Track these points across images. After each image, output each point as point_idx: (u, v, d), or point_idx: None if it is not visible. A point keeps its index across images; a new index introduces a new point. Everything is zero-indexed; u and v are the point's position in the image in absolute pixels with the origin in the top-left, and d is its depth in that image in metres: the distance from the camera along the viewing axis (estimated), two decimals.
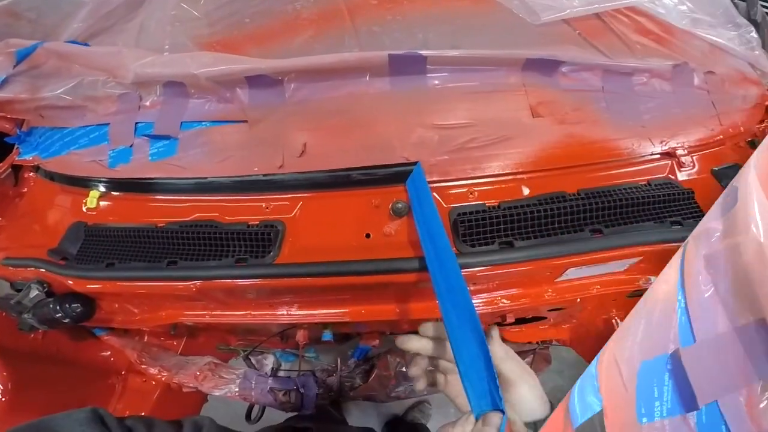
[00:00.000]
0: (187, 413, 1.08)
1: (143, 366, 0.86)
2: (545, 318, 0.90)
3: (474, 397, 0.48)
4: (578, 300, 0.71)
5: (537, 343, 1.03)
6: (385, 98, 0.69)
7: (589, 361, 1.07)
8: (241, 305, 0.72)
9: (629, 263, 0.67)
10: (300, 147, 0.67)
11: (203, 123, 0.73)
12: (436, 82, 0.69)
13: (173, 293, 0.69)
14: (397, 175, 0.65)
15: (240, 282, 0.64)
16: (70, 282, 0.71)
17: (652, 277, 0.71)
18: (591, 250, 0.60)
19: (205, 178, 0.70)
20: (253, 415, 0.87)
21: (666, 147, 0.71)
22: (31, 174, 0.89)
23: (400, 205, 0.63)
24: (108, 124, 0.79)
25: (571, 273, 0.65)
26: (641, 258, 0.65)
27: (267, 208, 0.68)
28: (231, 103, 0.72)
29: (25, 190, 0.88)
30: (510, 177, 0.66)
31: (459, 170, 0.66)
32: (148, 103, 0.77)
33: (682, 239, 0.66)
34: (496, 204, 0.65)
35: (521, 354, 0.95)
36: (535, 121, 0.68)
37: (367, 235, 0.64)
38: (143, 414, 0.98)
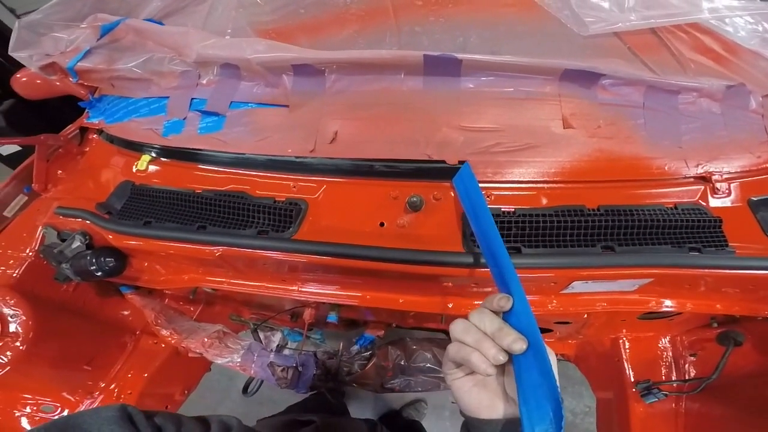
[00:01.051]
0: (188, 379, 1.11)
1: (157, 327, 0.91)
2: (551, 330, 0.87)
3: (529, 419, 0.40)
4: (585, 315, 0.67)
5: None
6: (417, 96, 0.69)
7: (592, 377, 1.00)
8: (257, 276, 0.75)
9: (640, 283, 0.64)
10: (331, 134, 0.69)
11: (250, 104, 0.77)
12: (470, 85, 0.69)
13: (198, 256, 0.73)
14: (418, 171, 0.66)
15: (259, 252, 0.67)
16: (110, 236, 0.77)
17: (668, 301, 0.67)
18: (598, 266, 0.58)
19: (243, 154, 0.73)
20: (250, 389, 0.89)
21: (701, 171, 0.65)
22: (95, 136, 0.97)
23: (415, 200, 0.63)
24: (167, 97, 0.84)
25: (577, 286, 0.63)
26: (652, 280, 0.61)
27: (294, 187, 0.71)
28: (276, 88, 0.75)
29: (87, 149, 0.96)
30: (530, 185, 0.65)
31: (480, 173, 0.64)
32: (204, 81, 0.83)
33: (699, 266, 0.61)
34: (511, 210, 0.63)
35: None
36: (565, 132, 0.65)
37: (382, 224, 0.65)
38: (146, 375, 0.99)
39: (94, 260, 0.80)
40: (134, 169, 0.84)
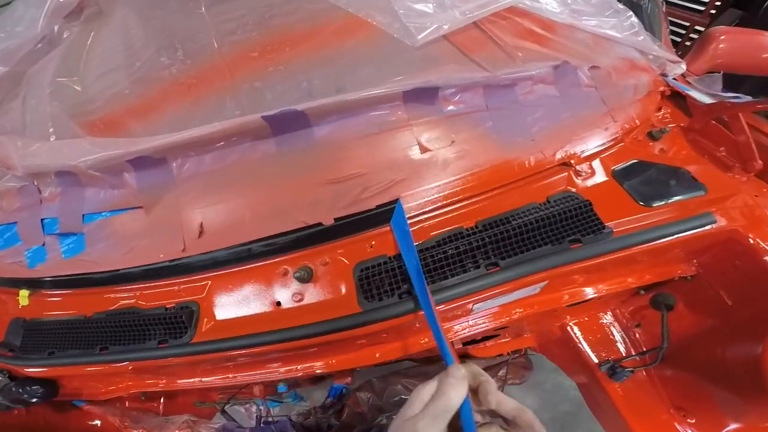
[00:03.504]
0: None
1: (127, 430, 0.82)
2: (497, 336, 0.83)
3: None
4: (509, 320, 0.65)
5: (508, 354, 0.93)
6: (273, 161, 0.57)
7: (561, 365, 0.94)
8: (188, 373, 0.67)
9: (540, 286, 0.60)
10: (197, 228, 0.57)
11: (103, 214, 0.62)
12: (323, 133, 0.58)
13: (114, 372, 0.63)
14: (298, 241, 0.56)
15: (166, 361, 0.58)
16: (22, 371, 0.65)
17: (582, 289, 0.65)
18: (487, 287, 0.52)
19: (118, 270, 0.61)
20: None
21: (560, 157, 0.62)
22: None
23: (302, 273, 0.55)
24: (15, 222, 0.68)
25: (481, 306, 0.59)
26: (548, 281, 0.58)
27: (180, 290, 0.59)
28: (122, 188, 0.61)
29: None
30: (409, 221, 0.57)
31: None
32: (47, 194, 0.66)
33: (583, 258, 0.53)
34: (393, 255, 0.56)
35: (494, 367, 0.89)
36: (424, 157, 0.58)
37: (278, 303, 0.56)
38: None
39: (20, 390, 0.67)
40: (19, 305, 0.70)
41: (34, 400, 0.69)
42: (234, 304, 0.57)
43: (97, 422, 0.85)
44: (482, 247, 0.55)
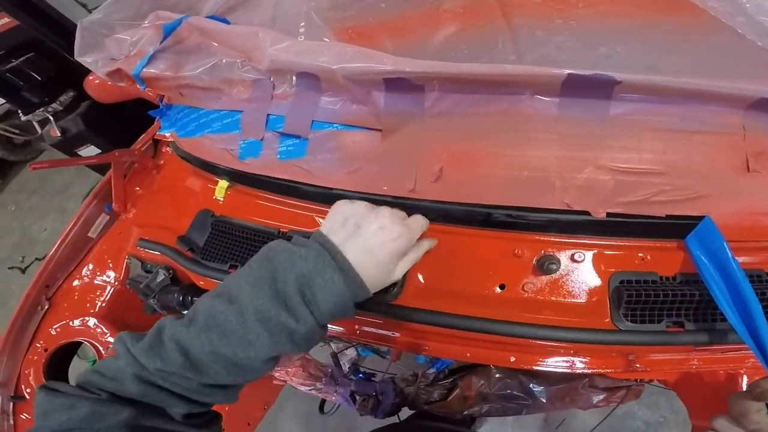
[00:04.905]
0: (267, 396, 0.97)
1: None
2: None
3: None
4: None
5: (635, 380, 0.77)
6: (549, 125, 0.45)
7: (692, 409, 0.77)
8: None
9: None
10: (436, 171, 0.48)
11: (335, 125, 0.56)
12: (621, 111, 0.45)
13: None
14: (551, 223, 0.44)
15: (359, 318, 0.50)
16: (195, 279, 0.62)
17: None
18: None
19: (332, 189, 0.54)
20: (326, 409, 0.78)
21: None
22: (168, 149, 0.79)
23: (551, 263, 0.43)
24: (241, 111, 0.65)
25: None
26: None
27: None
28: (365, 105, 0.54)
29: (162, 162, 0.80)
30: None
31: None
32: (280, 92, 0.61)
33: None
34: (671, 276, 0.43)
35: (614, 389, 0.75)
36: (748, 177, 0.42)
37: (502, 287, 0.45)
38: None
39: (180, 298, 0.64)
40: (213, 196, 0.68)
41: (186, 312, 0.64)
42: (450, 269, 0.47)
43: None
44: None
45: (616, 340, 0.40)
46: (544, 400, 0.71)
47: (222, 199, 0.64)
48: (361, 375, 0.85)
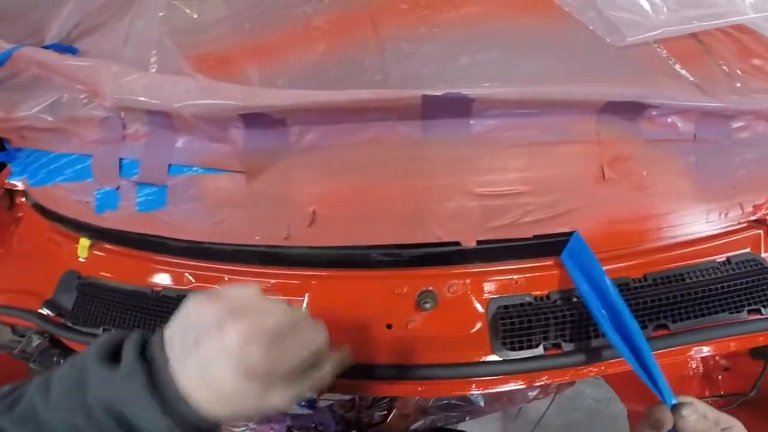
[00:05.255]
0: None
1: None
2: None
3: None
4: None
5: None
6: (415, 151, 0.42)
7: (620, 391, 0.82)
8: None
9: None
10: (309, 213, 0.44)
11: (195, 169, 0.49)
12: (482, 128, 0.43)
13: None
14: (427, 258, 0.42)
15: None
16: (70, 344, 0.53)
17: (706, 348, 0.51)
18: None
19: (201, 243, 0.48)
20: None
21: (758, 214, 0.46)
22: (23, 200, 0.67)
23: (427, 299, 0.41)
24: (90, 156, 0.55)
25: None
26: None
27: (273, 285, 0.46)
28: (224, 143, 0.47)
29: (21, 215, 0.67)
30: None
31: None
32: (132, 131, 0.52)
33: (759, 330, 0.39)
34: (544, 294, 0.43)
35: (546, 384, 0.79)
36: (605, 186, 0.42)
37: (389, 326, 0.43)
38: None
39: (61, 362, 0.56)
40: (76, 255, 0.58)
41: None
42: (336, 316, 0.44)
43: None
44: (649, 304, 0.42)
45: (498, 371, 0.39)
46: (483, 405, 0.73)
47: (86, 259, 0.55)
48: (303, 404, 0.81)
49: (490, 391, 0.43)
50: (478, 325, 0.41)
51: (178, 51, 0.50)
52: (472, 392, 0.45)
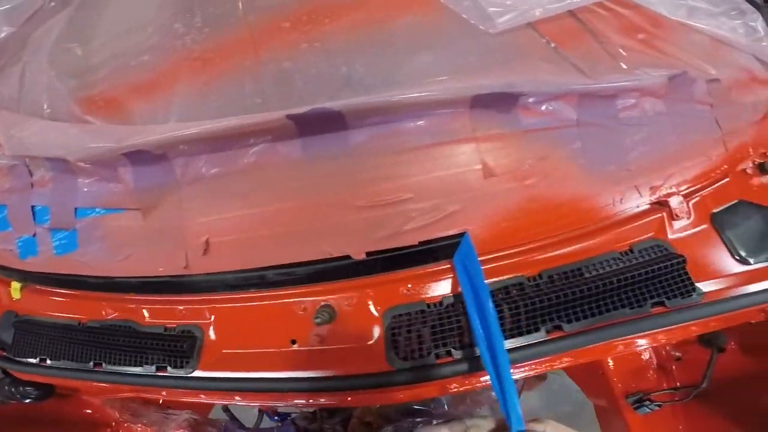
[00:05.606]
0: None
1: (126, 424, 0.74)
2: None
3: None
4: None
5: None
6: (296, 170, 0.42)
7: (583, 386, 0.81)
8: (190, 394, 0.57)
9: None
10: (203, 243, 0.44)
11: (97, 210, 0.49)
12: (360, 139, 0.42)
13: (112, 389, 0.53)
14: (321, 273, 0.43)
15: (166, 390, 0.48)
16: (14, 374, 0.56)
17: (639, 341, 0.50)
18: (545, 355, 0.39)
19: (113, 278, 0.49)
20: None
21: (657, 196, 0.45)
22: None
23: (323, 314, 0.41)
24: (5, 205, 0.56)
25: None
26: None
27: (182, 310, 0.47)
28: (117, 183, 0.47)
29: None
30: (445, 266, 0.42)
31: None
32: (38, 178, 0.52)
33: (663, 326, 0.38)
34: (437, 300, 0.42)
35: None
36: (487, 184, 0.42)
37: (293, 342, 0.44)
38: None
39: (13, 390, 0.59)
40: (10, 296, 0.60)
41: (28, 401, 0.60)
42: (242, 334, 0.45)
43: (95, 413, 0.77)
44: (545, 304, 0.40)
45: (394, 381, 0.40)
46: (447, 407, 0.74)
47: (19, 299, 0.57)
48: (275, 417, 0.83)
49: (391, 402, 0.44)
50: (376, 336, 0.42)
51: (68, 94, 0.50)
52: (374, 403, 0.46)
